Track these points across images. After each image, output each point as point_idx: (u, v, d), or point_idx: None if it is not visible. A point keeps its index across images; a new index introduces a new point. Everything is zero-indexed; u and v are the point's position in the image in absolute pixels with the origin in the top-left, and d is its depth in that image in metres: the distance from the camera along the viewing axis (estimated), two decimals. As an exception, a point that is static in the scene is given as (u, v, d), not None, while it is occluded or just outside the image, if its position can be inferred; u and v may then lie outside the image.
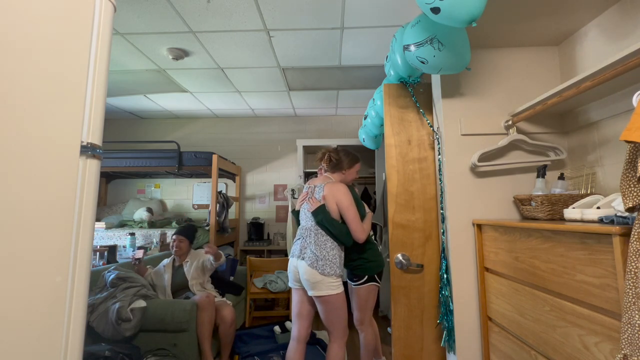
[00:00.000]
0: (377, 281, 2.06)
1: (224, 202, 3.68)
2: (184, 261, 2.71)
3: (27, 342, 0.70)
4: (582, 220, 1.18)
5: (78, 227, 0.81)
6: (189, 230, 2.81)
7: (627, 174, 0.82)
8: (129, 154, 3.66)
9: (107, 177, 4.37)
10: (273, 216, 4.40)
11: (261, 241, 4.19)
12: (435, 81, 1.81)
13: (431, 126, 1.81)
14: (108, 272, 2.33)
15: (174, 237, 2.72)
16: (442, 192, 1.74)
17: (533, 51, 1.75)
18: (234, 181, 4.42)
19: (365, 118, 2.61)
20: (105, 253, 2.95)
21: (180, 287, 2.65)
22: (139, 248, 2.72)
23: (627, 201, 0.81)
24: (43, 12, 0.75)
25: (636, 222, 0.77)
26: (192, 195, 4.45)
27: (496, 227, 1.47)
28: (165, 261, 2.73)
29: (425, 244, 1.77)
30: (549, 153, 1.68)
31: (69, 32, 0.81)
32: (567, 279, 1.05)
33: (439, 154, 1.75)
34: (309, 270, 1.79)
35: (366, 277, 2.03)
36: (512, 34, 1.65)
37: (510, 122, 1.64)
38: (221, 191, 3.79)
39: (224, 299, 2.69)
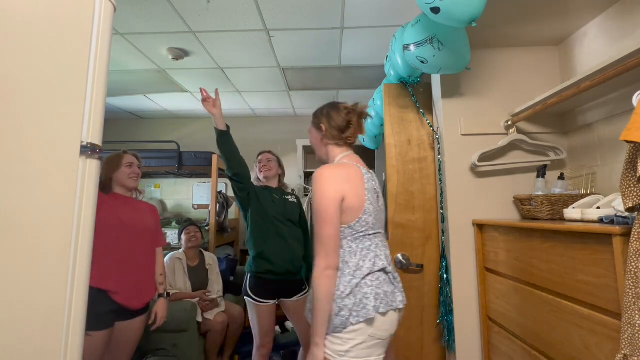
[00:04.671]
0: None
1: (224, 202, 3.68)
2: (203, 263, 2.65)
3: (27, 342, 0.70)
4: (582, 220, 1.18)
5: (78, 227, 0.81)
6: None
7: (627, 174, 0.82)
8: (129, 154, 3.65)
9: (107, 177, 4.36)
10: (273, 216, 4.39)
11: (261, 241, 4.17)
12: (435, 81, 1.81)
13: (431, 126, 1.81)
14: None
15: (189, 228, 2.67)
16: (442, 192, 1.74)
17: (533, 51, 1.75)
18: (234, 181, 4.41)
19: (365, 118, 2.60)
20: (105, 253, 2.94)
21: (196, 289, 2.57)
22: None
23: (627, 201, 0.81)
24: (43, 12, 0.75)
25: (636, 222, 0.77)
26: (192, 195, 4.45)
27: (496, 227, 1.47)
28: (175, 257, 2.55)
29: (425, 244, 1.77)
30: (549, 153, 1.68)
31: (69, 32, 0.81)
32: (567, 279, 1.05)
33: (439, 154, 1.75)
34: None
35: None
36: (512, 34, 1.65)
37: (510, 122, 1.64)
38: (221, 191, 3.79)
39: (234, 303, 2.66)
